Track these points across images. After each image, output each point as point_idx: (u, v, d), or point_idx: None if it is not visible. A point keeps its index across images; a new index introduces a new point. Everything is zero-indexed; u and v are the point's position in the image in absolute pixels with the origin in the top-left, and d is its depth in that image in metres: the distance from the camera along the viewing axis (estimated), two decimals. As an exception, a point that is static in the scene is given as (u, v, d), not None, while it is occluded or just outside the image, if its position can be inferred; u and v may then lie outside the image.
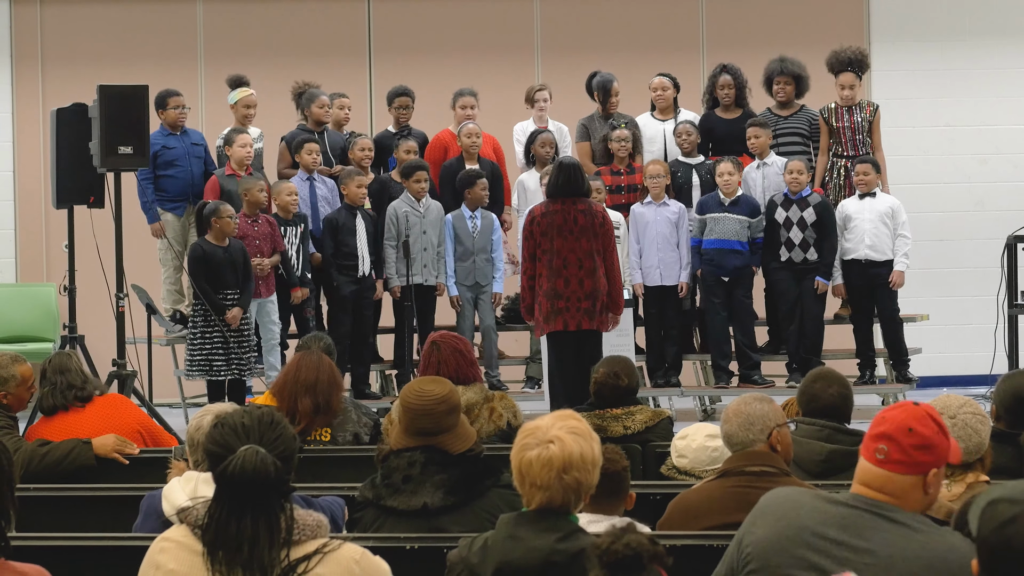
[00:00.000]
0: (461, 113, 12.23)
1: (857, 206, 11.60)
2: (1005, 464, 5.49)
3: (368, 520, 5.10)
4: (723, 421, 5.19)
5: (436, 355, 7.11)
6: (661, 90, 12.25)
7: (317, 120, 12.08)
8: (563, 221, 9.82)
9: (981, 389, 11.64)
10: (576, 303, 9.76)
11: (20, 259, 14.15)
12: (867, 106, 12.02)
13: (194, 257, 10.93)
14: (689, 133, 11.90)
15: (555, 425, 4.14)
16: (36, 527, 5.53)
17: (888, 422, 3.77)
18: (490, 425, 6.92)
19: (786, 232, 11.57)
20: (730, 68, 12.18)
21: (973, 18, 14.26)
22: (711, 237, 11.61)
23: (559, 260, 9.80)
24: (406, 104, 12.33)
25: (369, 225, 11.58)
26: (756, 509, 3.91)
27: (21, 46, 14.12)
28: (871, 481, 3.76)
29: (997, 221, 13.30)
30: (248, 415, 3.99)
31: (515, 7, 14.32)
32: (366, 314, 11.70)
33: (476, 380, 7.14)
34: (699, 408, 12.37)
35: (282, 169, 12.16)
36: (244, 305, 10.97)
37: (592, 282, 9.78)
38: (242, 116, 12.06)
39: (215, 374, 10.92)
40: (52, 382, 7.29)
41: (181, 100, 11.97)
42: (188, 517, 3.91)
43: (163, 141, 11.83)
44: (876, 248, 11.58)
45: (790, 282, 11.65)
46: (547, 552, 4.07)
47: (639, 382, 7.33)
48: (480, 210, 11.77)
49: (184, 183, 11.88)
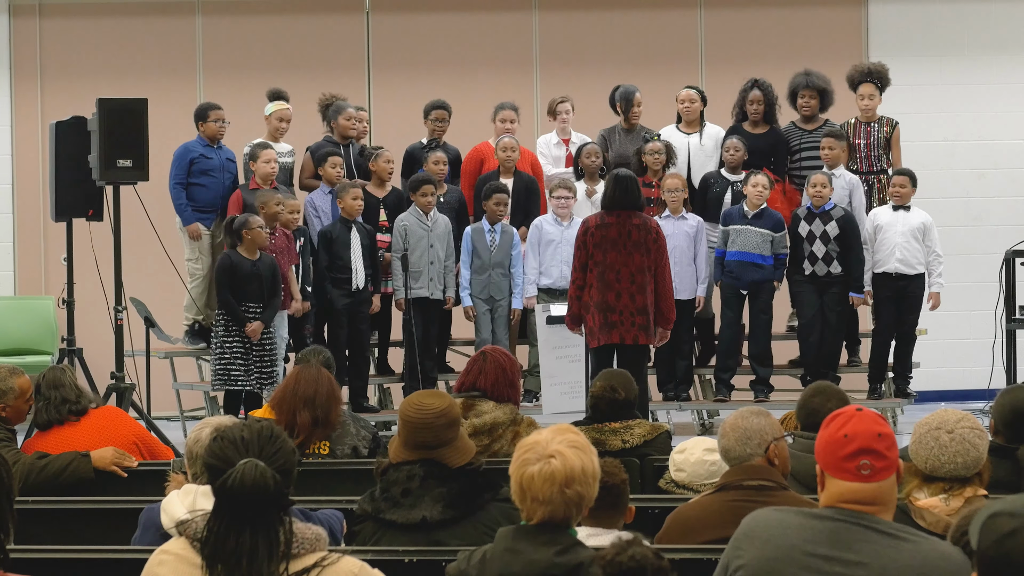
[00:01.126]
0: (500, 127, 12.24)
1: (890, 217, 11.57)
2: (1003, 478, 5.50)
3: (367, 533, 5.10)
4: (720, 435, 5.19)
5: (480, 364, 7.13)
6: (688, 102, 12.22)
7: (343, 133, 12.09)
8: (617, 235, 9.89)
9: (979, 403, 11.66)
10: (630, 317, 9.88)
11: (19, 272, 14.15)
12: (886, 123, 12.04)
13: (221, 267, 10.89)
14: (738, 149, 11.85)
15: (555, 439, 4.14)
16: (35, 540, 5.53)
17: (856, 437, 3.74)
18: (511, 448, 6.91)
19: (809, 246, 11.54)
20: (761, 84, 12.14)
21: (971, 33, 14.29)
22: (733, 249, 11.59)
23: (612, 274, 9.89)
24: (443, 117, 12.33)
25: (364, 238, 11.58)
26: (739, 533, 3.86)
27: (20, 59, 14.13)
28: (861, 498, 3.73)
29: (995, 236, 13.33)
30: (247, 428, 3.99)
31: (513, 21, 14.34)
32: (362, 327, 11.67)
33: (511, 401, 7.14)
34: (697, 422, 12.36)
35: (305, 180, 12.18)
36: (267, 320, 10.89)
37: (643, 298, 9.89)
38: (274, 129, 12.06)
39: (232, 383, 10.85)
40: (46, 397, 7.29)
41: (222, 114, 11.94)
42: (187, 530, 3.91)
43: (201, 151, 11.83)
44: (906, 262, 11.55)
45: (812, 295, 11.62)
46: (546, 565, 4.07)
47: (637, 396, 7.33)
48: (501, 224, 11.77)
49: (215, 194, 11.86)
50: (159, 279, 12.25)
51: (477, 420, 6.96)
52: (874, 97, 12.01)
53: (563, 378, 11.09)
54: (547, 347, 11.27)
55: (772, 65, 12.48)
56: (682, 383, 11.91)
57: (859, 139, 11.96)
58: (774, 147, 12.10)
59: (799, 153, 12.10)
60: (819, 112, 12.16)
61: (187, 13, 14.23)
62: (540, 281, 11.81)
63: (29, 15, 14.16)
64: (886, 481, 3.74)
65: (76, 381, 7.46)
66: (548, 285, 11.77)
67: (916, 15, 14.31)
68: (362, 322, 11.68)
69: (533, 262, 11.80)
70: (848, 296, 11.61)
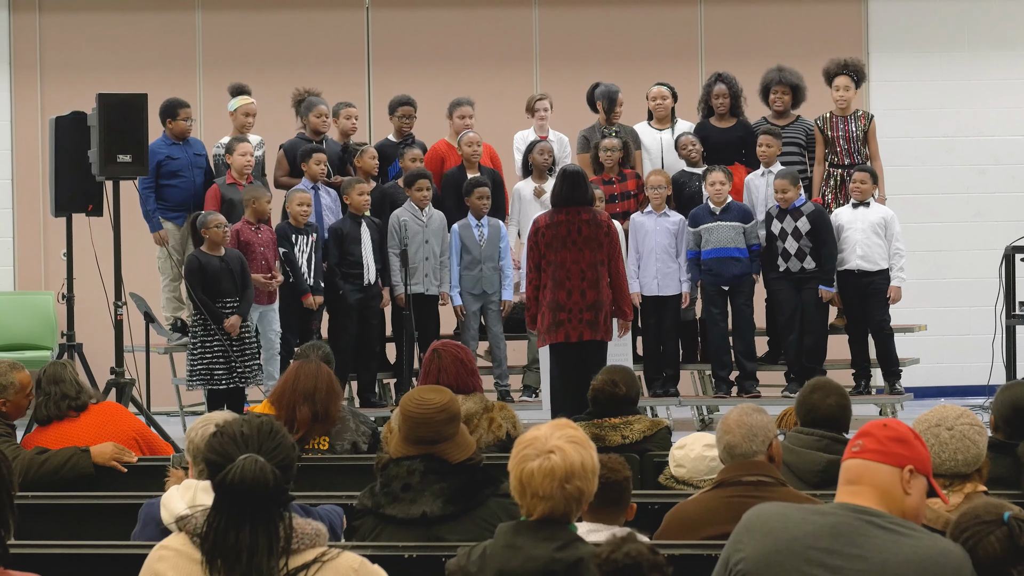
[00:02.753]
0: (459, 123, 12.23)
1: (850, 216, 11.61)
2: (1003, 475, 5.50)
3: (367, 528, 5.10)
4: (724, 431, 5.18)
5: (437, 363, 7.09)
6: (660, 99, 12.24)
7: (315, 129, 12.06)
8: (567, 232, 9.85)
9: (979, 400, 11.64)
10: (578, 314, 9.81)
11: (18, 267, 14.15)
12: (861, 116, 12.03)
13: (190, 269, 10.91)
14: (693, 143, 11.89)
15: (554, 435, 4.14)
16: (35, 535, 5.53)
17: (866, 426, 3.89)
18: (489, 435, 6.90)
19: (782, 243, 11.57)
20: (725, 77, 12.17)
21: (971, 29, 14.28)
22: (708, 247, 11.61)
23: (562, 272, 9.84)
24: (409, 113, 12.33)
25: (374, 233, 11.57)
26: (740, 527, 3.88)
27: (20, 54, 14.12)
28: (848, 473, 3.83)
29: (995, 231, 13.32)
30: (247, 424, 3.98)
31: (514, 17, 14.34)
32: (372, 322, 11.66)
33: (476, 390, 7.12)
34: (697, 418, 12.36)
35: (279, 177, 12.13)
36: (243, 313, 10.94)
37: (595, 293, 9.82)
38: (241, 124, 12.05)
39: (216, 383, 10.89)
40: (46, 392, 7.29)
41: (190, 111, 11.96)
42: (187, 525, 3.91)
43: (167, 151, 11.80)
44: (867, 258, 11.57)
45: (789, 292, 11.65)
46: (546, 561, 4.07)
47: (639, 392, 7.31)
48: (487, 218, 11.77)
49: (186, 192, 11.85)
50: (159, 274, 12.23)
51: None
52: (849, 89, 11.98)
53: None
54: (546, 343, 11.26)
55: (772, 61, 12.45)
56: (669, 379, 11.90)
57: (836, 133, 11.93)
58: (743, 139, 12.09)
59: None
60: (791, 108, 12.16)
61: (187, 8, 14.22)
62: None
63: (29, 10, 14.15)
64: (874, 464, 3.79)
65: (77, 377, 7.46)
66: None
67: (916, 10, 14.30)
68: (373, 316, 11.65)
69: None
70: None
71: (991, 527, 3.78)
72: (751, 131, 12.09)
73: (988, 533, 3.78)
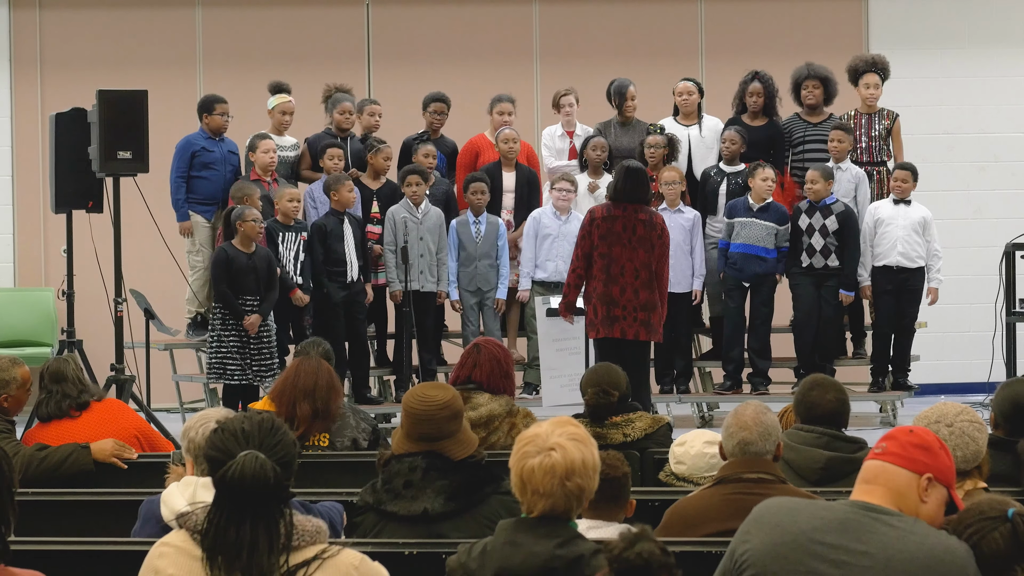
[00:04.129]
0: (499, 119, 12.22)
1: (891, 212, 11.59)
2: (1003, 471, 5.51)
3: (368, 525, 5.10)
4: (740, 427, 5.15)
5: (474, 356, 7.11)
6: (686, 95, 12.17)
7: (338, 126, 12.09)
8: (623, 228, 9.89)
9: (979, 397, 11.64)
10: (632, 312, 9.91)
11: (19, 263, 14.15)
12: (886, 114, 12.03)
13: (216, 261, 10.92)
14: (735, 140, 11.79)
15: (555, 432, 4.14)
16: (35, 532, 5.53)
17: (893, 430, 3.92)
18: (508, 439, 6.90)
19: (808, 238, 11.55)
20: (762, 76, 12.05)
21: (972, 26, 14.27)
22: (737, 241, 11.59)
23: (616, 267, 9.91)
24: (441, 110, 12.31)
25: (356, 230, 11.57)
26: (750, 519, 3.92)
27: (20, 50, 14.12)
28: (866, 473, 3.86)
29: (995, 229, 13.33)
30: (248, 420, 3.98)
31: (514, 12, 14.33)
32: (359, 319, 11.66)
33: (507, 393, 7.13)
34: (697, 414, 12.35)
35: (303, 171, 12.19)
36: (264, 313, 10.93)
37: (648, 294, 9.91)
38: (278, 122, 12.08)
39: (228, 378, 10.88)
40: (49, 390, 7.29)
41: (227, 107, 11.97)
42: (187, 522, 3.91)
43: (204, 143, 11.87)
44: (908, 256, 11.57)
45: (809, 288, 11.63)
46: (546, 558, 4.07)
47: (628, 386, 7.25)
48: (485, 215, 11.77)
49: (216, 187, 11.88)
50: (159, 271, 12.25)
51: (473, 413, 6.93)
52: (879, 87, 12.01)
53: (563, 370, 11.10)
54: (547, 340, 11.28)
55: (772, 58, 12.47)
56: (681, 376, 11.91)
57: (859, 131, 11.94)
58: (772, 140, 12.06)
59: (803, 145, 12.06)
60: (823, 103, 12.11)
61: (187, 4, 14.21)
62: (535, 274, 11.80)
63: (29, 6, 14.14)
64: (892, 467, 3.82)
65: (80, 374, 7.45)
66: (543, 279, 11.76)
67: (917, 7, 14.30)
68: (359, 313, 11.65)
69: (529, 254, 11.78)
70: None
71: (995, 523, 3.79)
72: (780, 132, 12.06)
73: (992, 529, 3.78)
